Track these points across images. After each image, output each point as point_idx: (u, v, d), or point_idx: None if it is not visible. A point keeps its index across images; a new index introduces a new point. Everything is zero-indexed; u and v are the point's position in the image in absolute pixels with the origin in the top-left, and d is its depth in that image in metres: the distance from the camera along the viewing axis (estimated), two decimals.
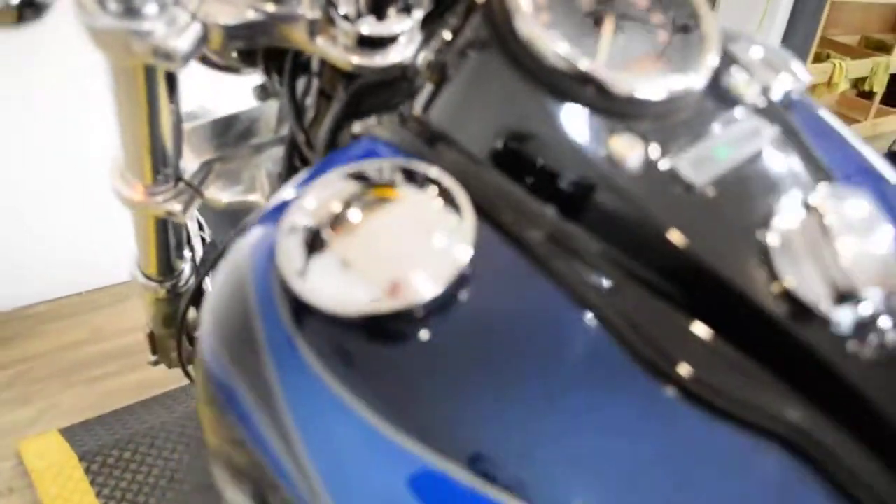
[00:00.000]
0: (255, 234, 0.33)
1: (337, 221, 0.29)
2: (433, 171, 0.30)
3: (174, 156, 0.59)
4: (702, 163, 0.29)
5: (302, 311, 0.28)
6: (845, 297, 0.25)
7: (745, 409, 0.25)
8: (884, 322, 0.26)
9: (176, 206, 0.61)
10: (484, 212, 0.29)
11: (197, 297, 0.93)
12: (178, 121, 0.56)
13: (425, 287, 0.26)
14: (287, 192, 0.36)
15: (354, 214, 0.29)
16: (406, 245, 0.28)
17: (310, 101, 0.53)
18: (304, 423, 0.27)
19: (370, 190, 0.30)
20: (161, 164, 0.59)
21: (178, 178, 0.61)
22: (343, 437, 0.27)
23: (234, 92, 0.75)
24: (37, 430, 1.57)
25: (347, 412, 0.26)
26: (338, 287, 0.27)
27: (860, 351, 0.25)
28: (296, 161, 0.57)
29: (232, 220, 0.92)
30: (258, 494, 0.31)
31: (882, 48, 3.90)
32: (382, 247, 0.28)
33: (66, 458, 1.44)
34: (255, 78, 0.66)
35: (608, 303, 0.27)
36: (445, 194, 0.29)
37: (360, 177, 0.31)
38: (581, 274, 0.27)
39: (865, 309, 0.26)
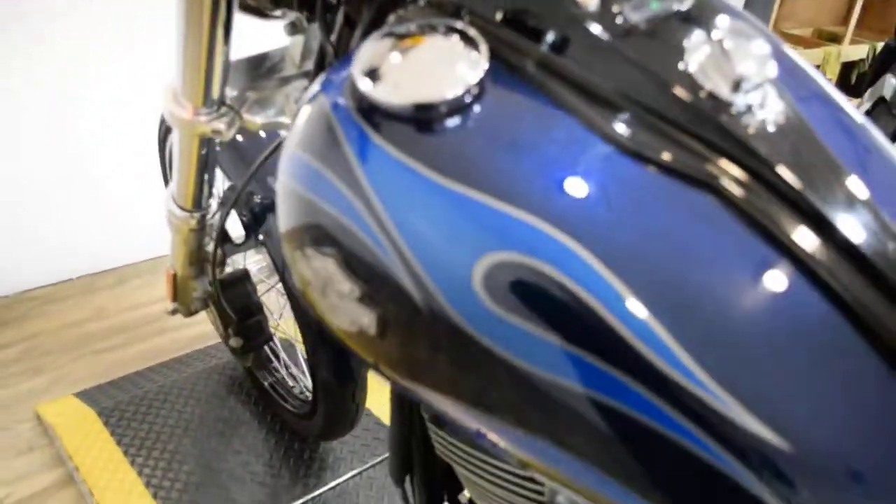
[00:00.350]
0: (322, 83, 0.46)
1: (383, 60, 0.42)
2: (453, 22, 0.42)
3: (221, 83, 0.72)
4: (639, 8, 0.42)
5: (369, 110, 0.40)
6: (737, 86, 0.38)
7: (681, 164, 0.37)
8: (765, 103, 0.39)
9: (221, 125, 0.74)
10: (492, 50, 0.42)
11: (221, 233, 1.05)
12: (228, 53, 0.69)
13: (452, 88, 0.39)
14: (335, 66, 0.48)
15: (396, 55, 0.42)
16: (437, 66, 0.40)
17: (335, 30, 0.66)
18: (378, 185, 0.39)
19: (406, 39, 0.43)
20: (211, 90, 0.72)
21: (223, 103, 0.74)
22: (406, 190, 0.39)
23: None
24: (51, 397, 1.66)
25: (408, 170, 0.39)
26: (392, 92, 0.39)
27: (751, 122, 0.38)
28: None
29: (248, 166, 1.05)
30: (345, 255, 0.42)
31: (834, 39, 4.12)
32: (420, 69, 0.41)
33: (85, 414, 1.53)
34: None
35: (572, 98, 0.39)
36: (464, 37, 0.42)
37: (394, 34, 0.43)
38: (561, 83, 0.40)
39: (752, 97, 0.39)
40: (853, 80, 4.11)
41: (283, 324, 1.45)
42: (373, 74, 0.41)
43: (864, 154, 0.40)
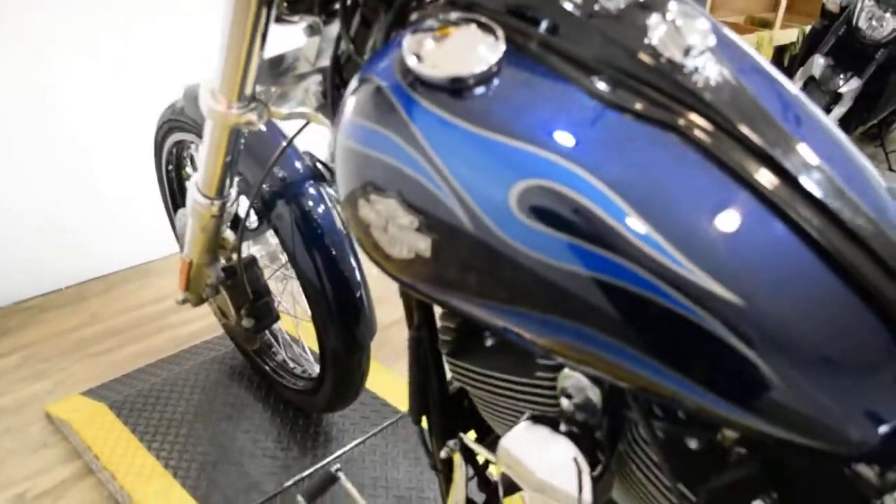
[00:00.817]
0: (367, 69, 0.59)
1: (423, 46, 0.55)
2: (473, 16, 0.55)
3: (254, 80, 0.84)
4: None
5: (416, 83, 0.53)
6: (687, 52, 0.52)
7: (649, 112, 0.51)
8: (707, 65, 0.53)
9: (253, 117, 0.86)
10: (507, 38, 0.55)
11: (236, 220, 1.17)
12: (263, 56, 0.81)
13: (478, 65, 0.52)
14: (375, 56, 0.61)
15: (431, 42, 0.55)
16: (465, 49, 0.53)
17: (353, 29, 0.78)
18: (430, 137, 0.52)
19: (437, 30, 0.56)
20: (245, 87, 0.84)
21: (254, 97, 0.86)
22: (452, 139, 0.51)
23: None
24: (56, 398, 1.74)
25: (451, 125, 0.51)
26: (434, 69, 0.52)
27: (699, 79, 0.52)
28: (337, 78, 0.82)
29: (256, 161, 1.17)
30: (405, 194, 0.54)
31: (765, 25, 4.38)
32: (453, 52, 0.54)
33: (97, 409, 1.62)
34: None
35: (566, 67, 0.53)
36: (483, 26, 0.55)
37: (427, 28, 0.56)
38: (557, 57, 0.53)
39: (699, 60, 0.53)
40: (786, 62, 4.37)
41: (283, 303, 1.55)
42: (417, 58, 0.54)
43: (786, 102, 0.55)
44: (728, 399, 0.49)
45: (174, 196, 1.65)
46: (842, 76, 3.44)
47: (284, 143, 1.05)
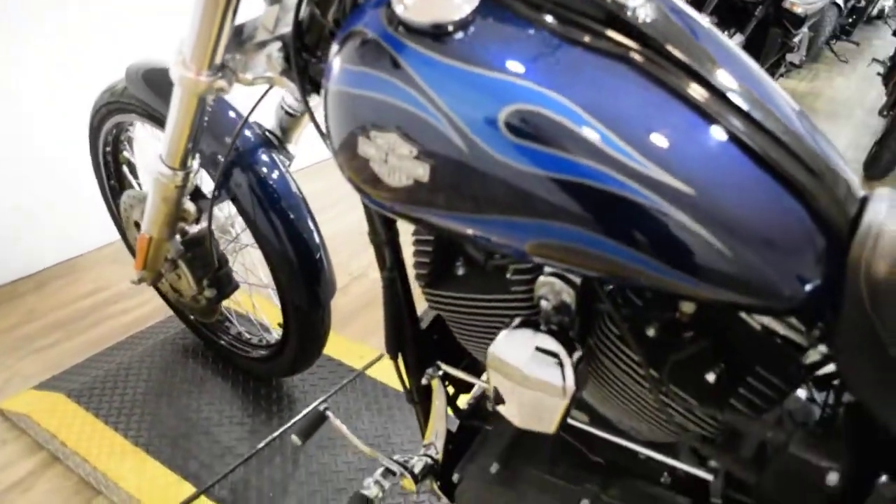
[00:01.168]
0: (353, 21, 0.67)
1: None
2: None
3: (224, 49, 0.90)
4: None
5: (403, 29, 0.62)
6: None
7: (601, 45, 0.61)
8: (646, 6, 0.64)
9: (223, 83, 0.92)
10: None
11: (196, 192, 1.22)
12: (233, 26, 0.87)
13: (457, 13, 0.61)
14: (358, 9, 0.69)
15: None
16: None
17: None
18: (423, 74, 0.60)
19: None
20: (216, 55, 0.90)
21: (223, 65, 0.92)
22: (443, 75, 0.60)
23: None
24: (6, 396, 1.73)
25: (440, 63, 0.60)
26: (418, 16, 0.61)
27: (640, 16, 0.63)
28: (299, 43, 0.89)
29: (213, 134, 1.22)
30: (404, 127, 0.62)
31: None
32: (433, 2, 0.62)
33: (54, 399, 1.63)
34: None
35: (529, 12, 0.62)
36: None
37: None
38: (521, 4, 0.63)
39: (638, 2, 0.63)
40: None
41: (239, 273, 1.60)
42: (404, 6, 0.63)
43: (707, 35, 0.66)
44: (687, 272, 0.60)
45: (112, 182, 1.66)
46: (726, 33, 3.71)
47: (244, 115, 1.11)
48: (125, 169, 1.65)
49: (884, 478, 0.61)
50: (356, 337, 1.94)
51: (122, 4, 2.14)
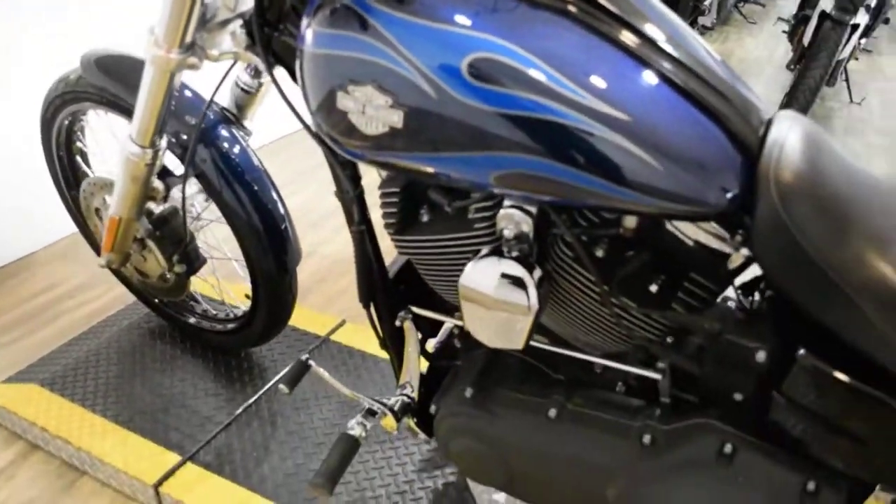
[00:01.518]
0: None
1: None
2: None
3: (194, 29, 0.97)
4: None
5: None
6: None
7: (551, 1, 0.71)
8: None
9: (194, 59, 0.99)
10: None
11: (164, 170, 1.28)
12: (204, 5, 0.95)
13: None
14: None
15: None
16: None
17: None
18: (394, 31, 0.70)
19: None
20: (186, 34, 0.97)
21: (193, 43, 0.99)
22: (411, 31, 0.69)
23: None
24: None
25: (410, 23, 0.70)
26: None
27: None
28: (261, 19, 0.96)
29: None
30: (380, 79, 0.71)
31: None
32: None
33: (28, 389, 1.65)
34: None
35: None
36: None
37: None
38: None
39: None
40: None
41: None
42: None
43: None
44: (628, 187, 0.72)
45: (66, 173, 1.69)
46: None
47: (208, 96, 1.17)
48: (78, 159, 1.68)
49: (802, 350, 0.74)
50: (316, 309, 2.02)
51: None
